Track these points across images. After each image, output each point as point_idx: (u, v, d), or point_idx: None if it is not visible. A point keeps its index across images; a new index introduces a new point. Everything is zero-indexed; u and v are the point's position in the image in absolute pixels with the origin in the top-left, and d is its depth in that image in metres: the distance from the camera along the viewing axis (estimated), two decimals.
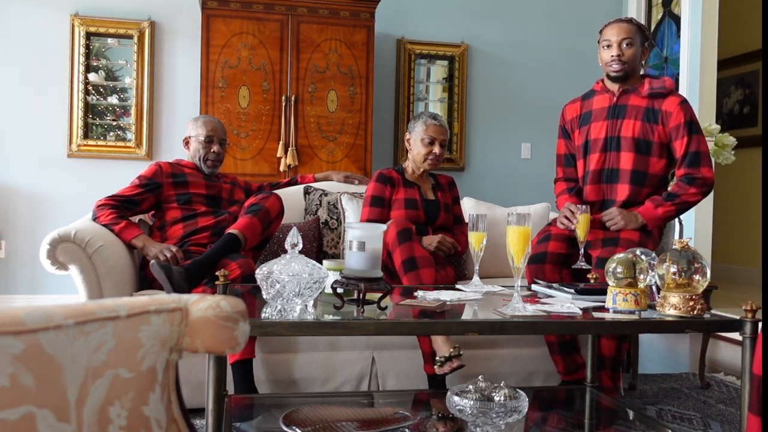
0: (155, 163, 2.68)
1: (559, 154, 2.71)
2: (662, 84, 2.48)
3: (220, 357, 1.58)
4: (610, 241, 2.38)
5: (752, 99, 6.21)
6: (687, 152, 2.42)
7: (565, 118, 2.67)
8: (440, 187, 2.79)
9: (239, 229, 2.43)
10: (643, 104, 2.47)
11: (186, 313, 0.83)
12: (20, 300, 4.13)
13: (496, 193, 4.65)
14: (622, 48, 2.45)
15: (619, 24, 2.48)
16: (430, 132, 2.66)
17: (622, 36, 2.45)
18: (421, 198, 2.69)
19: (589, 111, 2.59)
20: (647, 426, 2.00)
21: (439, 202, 2.73)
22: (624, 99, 2.51)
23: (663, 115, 2.44)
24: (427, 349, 2.30)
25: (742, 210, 6.16)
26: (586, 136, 2.57)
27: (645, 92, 2.48)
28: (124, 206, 2.54)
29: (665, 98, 2.46)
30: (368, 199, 2.67)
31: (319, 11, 4.07)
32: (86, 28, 4.17)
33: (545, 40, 4.92)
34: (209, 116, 2.82)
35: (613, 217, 2.43)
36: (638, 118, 2.46)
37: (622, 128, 2.48)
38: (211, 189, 2.71)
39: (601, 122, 2.53)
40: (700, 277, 1.64)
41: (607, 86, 2.57)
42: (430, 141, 2.66)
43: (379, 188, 2.67)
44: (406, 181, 2.72)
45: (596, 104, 2.58)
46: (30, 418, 0.66)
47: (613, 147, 2.49)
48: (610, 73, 2.50)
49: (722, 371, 3.20)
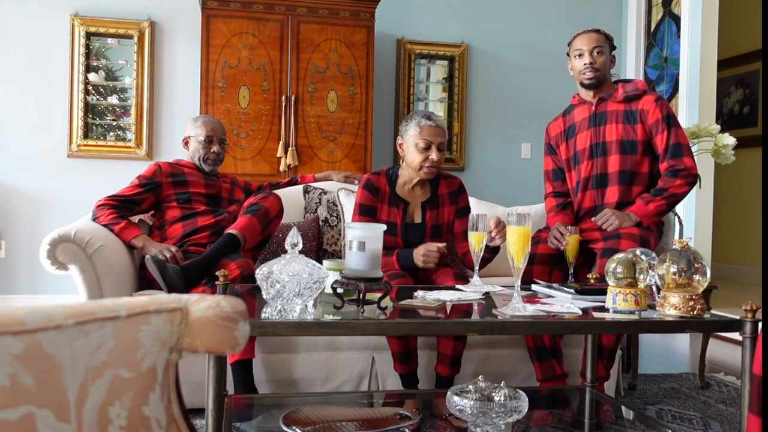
0: (155, 162, 2.68)
1: (546, 170, 2.76)
2: (635, 86, 2.56)
3: (220, 357, 1.58)
4: (612, 235, 2.43)
5: (752, 99, 6.21)
6: (668, 145, 2.47)
7: (550, 135, 2.74)
8: (435, 203, 2.46)
9: (238, 229, 2.43)
10: (621, 108, 2.54)
11: (186, 313, 0.83)
12: (20, 300, 4.13)
13: (496, 193, 4.65)
14: (593, 56, 2.53)
15: (588, 34, 2.56)
16: (425, 135, 2.34)
17: (592, 45, 2.53)
18: (403, 222, 2.42)
19: (572, 124, 2.66)
20: (647, 426, 2.00)
21: (425, 227, 2.42)
22: (602, 106, 2.58)
23: (641, 113, 2.51)
24: (396, 348, 2.29)
25: (742, 210, 6.16)
26: (572, 148, 2.64)
27: (620, 97, 2.55)
28: (124, 206, 2.54)
29: (640, 99, 2.53)
30: (357, 206, 2.44)
31: (319, 11, 4.07)
32: (86, 28, 4.17)
33: (545, 40, 4.92)
34: (209, 116, 2.82)
35: (607, 218, 2.46)
36: (619, 122, 2.53)
37: (605, 133, 2.55)
38: (210, 188, 2.71)
39: (584, 132, 2.60)
40: (700, 277, 1.64)
41: (583, 98, 2.63)
42: (426, 145, 2.33)
43: (366, 197, 2.42)
44: (392, 197, 2.43)
45: (577, 117, 2.64)
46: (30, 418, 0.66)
47: (599, 153, 2.56)
48: (584, 81, 2.56)
49: (722, 371, 3.20)
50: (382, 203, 2.43)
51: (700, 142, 3.26)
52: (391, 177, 2.47)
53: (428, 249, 2.30)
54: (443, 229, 2.47)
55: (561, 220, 2.57)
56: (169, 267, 2.23)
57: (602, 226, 2.47)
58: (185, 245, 2.52)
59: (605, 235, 2.45)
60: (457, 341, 2.29)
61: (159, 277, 2.21)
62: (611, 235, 2.43)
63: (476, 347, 2.51)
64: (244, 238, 2.43)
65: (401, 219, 2.42)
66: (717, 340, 3.78)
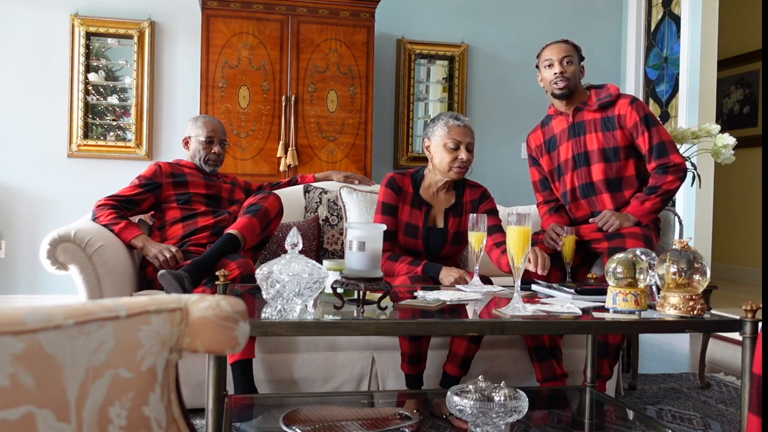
0: (155, 163, 2.68)
1: (534, 181, 2.77)
2: (608, 92, 2.57)
3: (220, 357, 1.58)
4: (616, 234, 2.44)
5: (752, 99, 6.21)
6: (651, 146, 2.49)
7: (531, 147, 2.75)
8: (458, 211, 2.44)
9: (238, 229, 2.43)
10: (597, 116, 2.56)
11: (186, 313, 0.83)
12: (20, 300, 4.13)
13: (496, 193, 4.64)
14: (563, 65, 2.54)
15: (557, 44, 2.59)
16: (453, 135, 2.33)
17: (562, 54, 2.55)
18: (425, 225, 2.39)
19: (552, 136, 2.67)
20: (647, 426, 2.00)
21: (447, 232, 2.41)
22: (579, 116, 2.59)
23: (618, 119, 2.52)
24: (406, 350, 2.29)
25: (742, 210, 6.16)
26: (555, 160, 2.65)
27: (594, 105, 2.56)
28: (124, 206, 2.53)
29: (615, 104, 2.54)
30: (380, 205, 2.42)
31: (319, 11, 4.07)
32: (86, 28, 4.17)
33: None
34: (209, 116, 2.81)
35: (607, 219, 2.47)
36: (598, 130, 2.55)
37: (586, 143, 2.57)
38: (210, 189, 2.71)
39: (565, 144, 2.61)
40: (700, 277, 1.64)
41: (558, 108, 2.64)
42: (455, 146, 2.33)
43: (390, 195, 2.41)
44: (415, 199, 2.42)
45: (556, 128, 2.66)
46: (30, 418, 0.66)
47: (582, 163, 2.57)
48: (555, 91, 2.57)
49: (722, 371, 3.20)
50: (404, 204, 2.41)
51: (700, 142, 3.26)
52: (416, 179, 2.46)
53: (461, 275, 2.22)
54: (465, 237, 2.42)
55: (556, 221, 2.59)
56: (184, 277, 2.20)
57: (602, 227, 2.48)
58: (185, 245, 2.52)
59: (608, 235, 2.45)
60: (471, 342, 2.28)
61: (179, 290, 2.18)
62: (614, 234, 2.44)
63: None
64: (244, 238, 2.43)
65: (423, 222, 2.40)
66: (717, 340, 3.78)
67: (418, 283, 2.19)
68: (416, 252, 2.40)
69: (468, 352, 2.30)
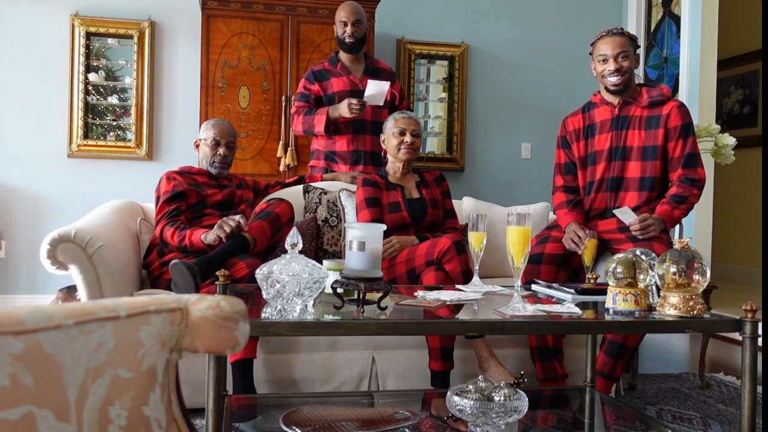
0: (164, 175, 2.62)
1: (558, 163, 2.71)
2: (660, 92, 2.54)
3: (220, 357, 1.58)
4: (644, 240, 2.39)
5: (752, 99, 6.21)
6: (683, 154, 2.47)
7: (567, 129, 2.68)
8: (426, 184, 2.78)
9: (249, 231, 2.43)
10: (644, 114, 2.53)
11: (186, 313, 0.83)
12: (20, 300, 4.13)
13: (496, 193, 4.65)
14: (618, 61, 2.49)
15: (613, 38, 2.51)
16: (399, 124, 2.72)
17: (617, 50, 2.49)
18: (404, 199, 2.69)
19: (592, 123, 2.62)
20: (647, 426, 2.00)
21: (425, 199, 2.72)
22: (626, 110, 2.55)
23: (662, 118, 2.50)
24: (434, 344, 2.29)
25: (742, 210, 6.16)
26: (589, 147, 2.61)
27: (645, 102, 2.53)
28: (175, 217, 2.50)
29: (664, 104, 2.52)
30: (362, 202, 2.66)
31: (319, 11, 4.07)
32: (86, 28, 4.17)
33: (545, 40, 4.92)
34: (220, 119, 2.81)
35: (648, 225, 2.37)
36: (642, 128, 2.51)
37: (627, 138, 2.53)
38: (223, 194, 2.69)
39: (605, 134, 2.57)
40: (700, 277, 1.64)
41: (606, 99, 2.60)
42: (401, 132, 2.71)
43: (369, 191, 2.68)
44: (388, 184, 2.74)
45: (598, 117, 2.61)
46: (30, 418, 0.66)
47: (619, 156, 2.54)
48: (609, 87, 2.53)
49: (722, 371, 3.20)
50: (381, 190, 2.72)
51: (700, 142, 3.26)
52: (382, 174, 2.80)
53: (390, 242, 2.53)
54: (440, 203, 2.77)
55: (574, 219, 2.54)
56: (195, 270, 2.18)
57: (639, 233, 2.37)
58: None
59: (633, 237, 2.41)
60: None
61: (191, 284, 2.17)
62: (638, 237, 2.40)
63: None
64: (254, 240, 2.43)
65: (402, 197, 2.70)
66: (717, 340, 3.78)
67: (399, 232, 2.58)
68: (404, 225, 2.64)
69: (444, 344, 2.31)
